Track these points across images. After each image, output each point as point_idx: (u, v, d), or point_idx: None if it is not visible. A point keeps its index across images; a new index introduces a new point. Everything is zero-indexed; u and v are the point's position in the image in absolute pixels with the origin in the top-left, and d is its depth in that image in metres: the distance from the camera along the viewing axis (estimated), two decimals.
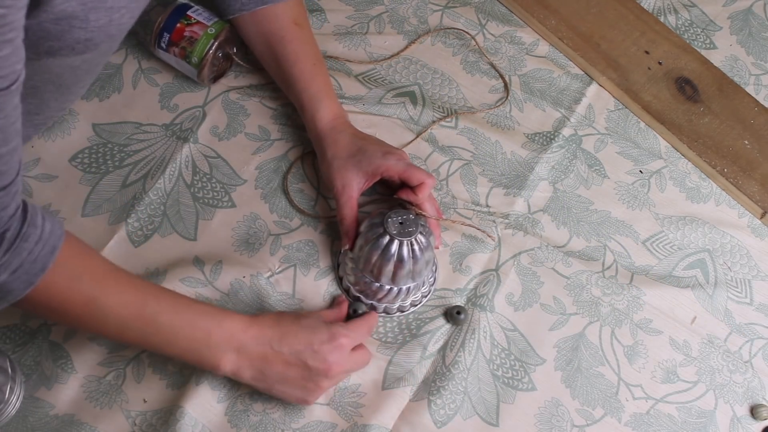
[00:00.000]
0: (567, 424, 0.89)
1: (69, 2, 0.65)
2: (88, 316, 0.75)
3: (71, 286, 0.73)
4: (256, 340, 0.79)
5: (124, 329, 0.76)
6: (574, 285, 0.96)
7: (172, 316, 0.77)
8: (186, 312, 0.78)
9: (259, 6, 0.95)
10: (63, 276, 0.72)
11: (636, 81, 1.10)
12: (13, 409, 0.83)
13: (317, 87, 0.95)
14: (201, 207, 0.96)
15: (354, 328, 0.83)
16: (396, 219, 0.86)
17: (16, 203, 0.68)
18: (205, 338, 0.77)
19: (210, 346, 0.77)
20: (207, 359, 0.78)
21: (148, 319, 0.76)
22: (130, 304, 0.76)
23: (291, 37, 0.95)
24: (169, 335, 0.77)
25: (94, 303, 0.74)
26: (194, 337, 0.77)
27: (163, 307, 0.77)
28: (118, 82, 1.03)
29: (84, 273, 0.74)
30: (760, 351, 0.95)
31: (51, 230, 0.71)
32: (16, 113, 0.64)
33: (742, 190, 1.04)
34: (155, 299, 0.77)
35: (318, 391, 0.81)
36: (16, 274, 0.69)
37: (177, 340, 0.77)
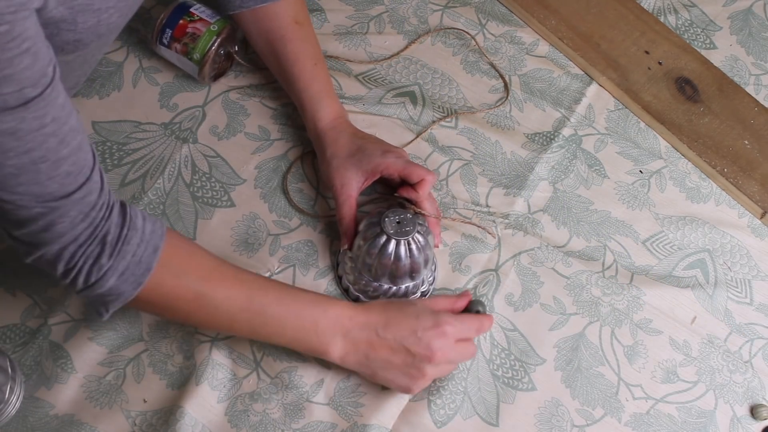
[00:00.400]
0: (567, 424, 0.89)
1: (57, 9, 0.65)
2: (198, 312, 0.78)
3: (179, 284, 0.76)
4: (361, 326, 0.81)
5: (234, 322, 0.79)
6: (574, 285, 0.96)
7: (278, 308, 0.79)
8: (292, 303, 0.80)
9: (258, 4, 0.95)
10: (170, 274, 0.75)
11: (636, 81, 1.10)
12: (13, 409, 0.83)
13: (318, 87, 0.95)
14: (200, 206, 0.96)
15: (461, 320, 0.83)
16: (393, 218, 0.86)
17: (104, 201, 0.70)
18: (313, 326, 0.80)
19: (318, 334, 0.80)
20: (316, 346, 0.80)
21: (255, 311, 0.78)
22: (237, 297, 0.78)
23: (291, 35, 0.95)
24: (278, 326, 0.79)
25: (202, 299, 0.77)
26: (302, 326, 0.79)
27: (270, 299, 0.79)
28: (119, 80, 1.03)
29: (190, 269, 0.77)
30: (760, 351, 0.95)
31: (152, 230, 0.73)
32: (65, 112, 0.65)
33: (742, 190, 1.04)
34: (262, 291, 0.79)
35: (422, 379, 0.82)
36: (123, 276, 0.72)
37: (285, 330, 0.80)
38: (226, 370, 0.87)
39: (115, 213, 0.71)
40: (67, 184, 0.66)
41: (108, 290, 0.72)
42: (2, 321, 0.88)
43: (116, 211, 0.71)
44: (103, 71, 1.03)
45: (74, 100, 1.00)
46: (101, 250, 0.70)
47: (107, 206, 0.70)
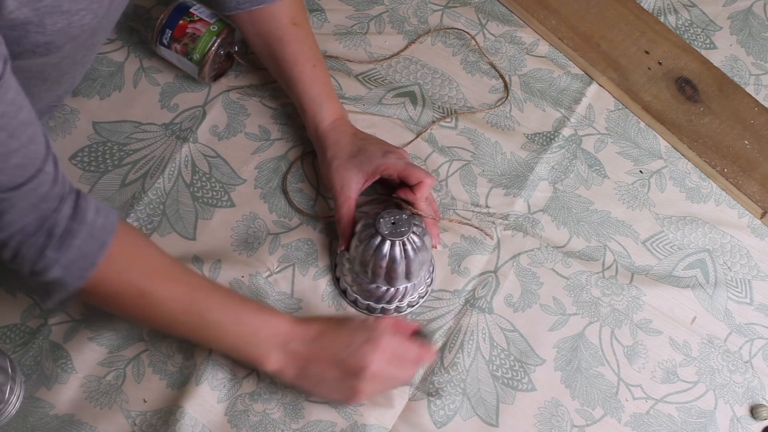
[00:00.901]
0: (567, 424, 0.89)
1: (20, 10, 0.64)
2: (140, 309, 0.77)
3: (123, 280, 0.75)
4: (300, 338, 0.80)
5: (174, 323, 0.79)
6: (574, 285, 0.96)
7: (220, 313, 0.79)
8: (235, 309, 0.79)
9: (254, 6, 0.94)
10: (114, 270, 0.74)
11: (636, 81, 1.10)
12: (13, 409, 0.83)
13: (317, 89, 0.95)
14: (200, 206, 0.96)
15: (401, 339, 0.82)
16: (388, 219, 0.85)
17: (57, 192, 0.70)
18: (253, 335, 0.79)
19: (257, 344, 0.79)
20: (254, 356, 0.80)
21: (197, 314, 0.78)
22: (180, 299, 0.78)
23: (289, 38, 0.95)
24: (217, 331, 0.79)
25: (145, 297, 0.76)
26: (242, 334, 0.79)
27: (213, 303, 0.79)
28: (119, 80, 1.03)
29: (135, 266, 0.76)
30: (760, 351, 0.95)
31: (103, 225, 0.72)
32: (15, 107, 0.65)
33: (742, 190, 1.04)
34: (205, 295, 0.79)
35: (356, 394, 0.80)
36: (67, 269, 0.71)
37: (225, 336, 0.79)
38: (226, 370, 0.87)
39: (67, 205, 0.71)
40: (16, 176, 0.66)
41: (51, 281, 0.72)
42: (2, 321, 0.88)
43: (68, 203, 0.71)
44: (103, 71, 1.03)
45: (74, 101, 1.01)
46: (47, 242, 0.70)
47: (59, 198, 0.70)
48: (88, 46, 0.85)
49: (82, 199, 0.72)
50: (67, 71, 0.85)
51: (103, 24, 0.81)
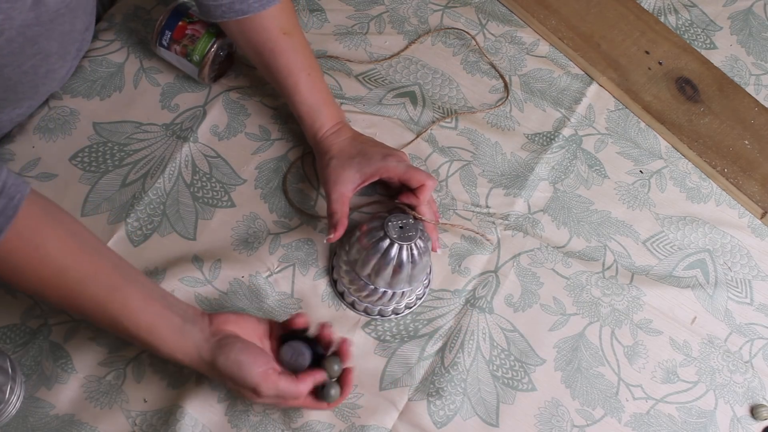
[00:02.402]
0: (567, 424, 0.89)
1: None
2: (54, 287, 0.75)
3: (38, 255, 0.73)
4: (206, 354, 0.78)
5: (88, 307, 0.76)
6: (574, 285, 0.96)
7: (140, 302, 0.76)
8: (155, 302, 0.77)
9: (241, 15, 0.91)
10: (28, 244, 0.72)
11: (636, 81, 1.10)
12: (13, 409, 0.83)
13: (314, 97, 0.94)
14: (200, 206, 0.96)
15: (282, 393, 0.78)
16: (396, 223, 0.86)
17: None
18: (170, 332, 0.77)
19: (170, 342, 0.77)
20: (163, 351, 0.77)
21: (118, 301, 0.75)
22: (101, 281, 0.75)
23: (281, 48, 0.93)
24: (134, 320, 0.76)
25: (63, 275, 0.74)
26: (159, 329, 0.77)
27: (133, 292, 0.76)
28: (120, 81, 1.03)
29: (50, 242, 0.73)
30: (760, 351, 0.95)
31: (2, 209, 0.70)
32: None
33: (743, 190, 1.04)
34: (126, 282, 0.76)
35: (256, 400, 0.79)
36: None
37: (140, 326, 0.76)
38: None
39: None
40: None
41: None
42: (2, 321, 0.88)
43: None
44: (103, 72, 1.03)
45: (74, 101, 1.01)
46: None
47: None
48: (30, 55, 0.84)
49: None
50: (16, 80, 0.85)
51: (39, 32, 0.81)
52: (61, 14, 0.84)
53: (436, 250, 0.93)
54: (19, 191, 0.71)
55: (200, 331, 0.77)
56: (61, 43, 0.89)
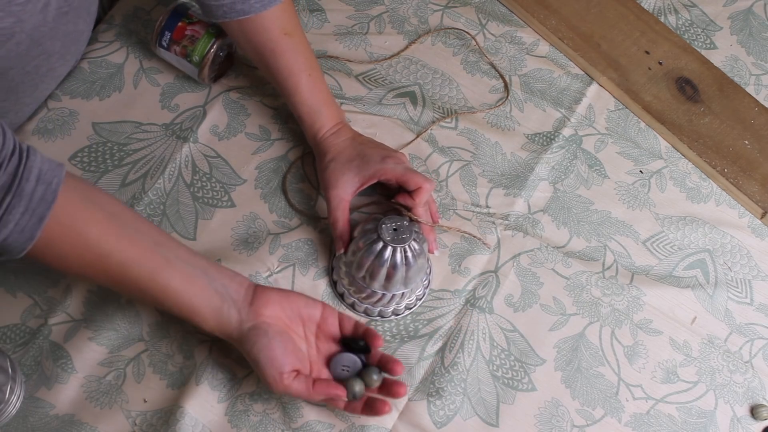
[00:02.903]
0: (567, 424, 0.89)
1: None
2: (98, 270, 0.76)
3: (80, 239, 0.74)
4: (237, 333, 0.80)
5: (133, 287, 0.78)
6: (574, 285, 0.96)
7: (182, 283, 0.78)
8: (197, 281, 0.79)
9: (242, 15, 0.91)
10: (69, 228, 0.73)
11: (636, 81, 1.10)
12: (13, 409, 0.83)
13: (314, 98, 0.94)
14: (200, 206, 0.96)
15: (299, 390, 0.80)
16: (390, 225, 0.85)
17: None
18: (211, 310, 0.79)
19: (211, 318, 0.80)
20: (206, 326, 0.80)
21: (160, 283, 0.77)
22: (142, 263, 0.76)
23: (282, 49, 0.93)
24: (176, 299, 0.78)
25: (105, 258, 0.75)
26: (200, 307, 0.79)
27: (174, 273, 0.78)
28: (119, 81, 1.03)
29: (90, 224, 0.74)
30: (761, 351, 0.95)
31: (42, 196, 0.70)
32: None
33: (743, 190, 1.04)
34: (167, 261, 0.77)
35: None
36: (7, 241, 0.70)
37: (182, 304, 0.79)
38: (226, 369, 0.87)
39: (6, 174, 0.68)
40: None
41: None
42: (2, 321, 0.88)
43: (7, 171, 0.68)
44: (102, 73, 1.03)
45: (73, 102, 1.01)
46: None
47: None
48: (35, 56, 0.84)
49: (23, 165, 0.69)
50: (19, 81, 0.85)
51: (45, 32, 0.81)
52: (64, 13, 0.84)
53: (433, 251, 0.93)
54: (56, 175, 0.71)
55: (237, 313, 0.79)
56: (63, 43, 0.89)
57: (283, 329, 0.80)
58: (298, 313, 0.82)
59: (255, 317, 0.79)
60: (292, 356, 0.79)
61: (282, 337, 0.80)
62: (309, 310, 0.83)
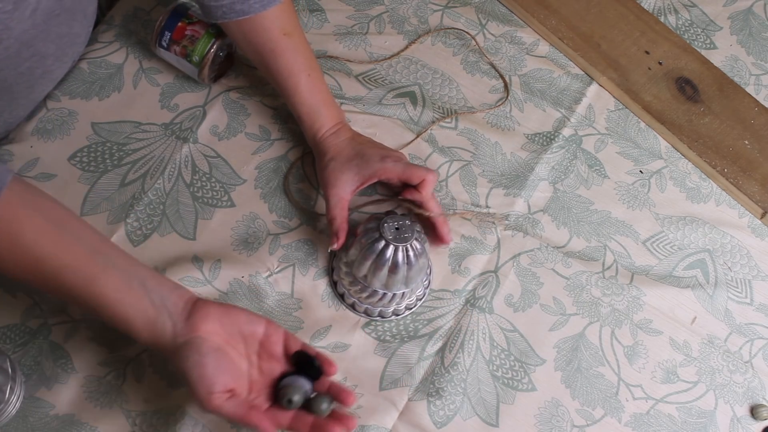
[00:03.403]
0: (567, 424, 0.89)
1: None
2: (33, 276, 0.74)
3: (17, 245, 0.73)
4: (169, 350, 0.76)
5: (67, 294, 0.75)
6: (574, 285, 0.96)
7: (117, 293, 0.75)
8: (134, 295, 0.75)
9: (241, 16, 0.91)
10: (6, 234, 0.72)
11: (636, 81, 1.10)
12: (13, 409, 0.83)
13: (314, 98, 0.94)
14: (200, 206, 0.96)
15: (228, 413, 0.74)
16: (392, 224, 0.85)
17: None
18: (145, 323, 0.75)
19: (142, 331, 0.76)
20: (139, 337, 0.76)
21: (94, 293, 0.75)
22: (78, 270, 0.74)
23: (281, 49, 0.93)
24: (111, 310, 0.75)
25: (41, 264, 0.73)
26: (134, 320, 0.75)
27: (111, 280, 0.75)
28: (119, 81, 1.03)
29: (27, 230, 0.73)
30: (760, 351, 0.95)
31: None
32: None
33: (743, 190, 1.04)
34: (104, 270, 0.75)
35: None
36: None
37: (115, 315, 0.75)
38: None
39: None
40: None
41: None
42: (2, 321, 0.88)
43: None
44: (102, 74, 1.03)
45: (72, 103, 1.00)
46: None
47: None
48: (27, 57, 0.84)
49: None
50: (12, 81, 0.85)
51: (35, 34, 0.81)
52: (56, 15, 0.83)
53: (448, 242, 0.93)
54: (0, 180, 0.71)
55: (172, 326, 0.75)
56: (58, 46, 0.89)
57: (219, 346, 0.75)
58: (239, 330, 0.77)
59: (190, 332, 0.74)
60: (226, 375, 0.74)
61: (216, 354, 0.74)
62: (251, 326, 0.77)
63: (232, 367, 0.75)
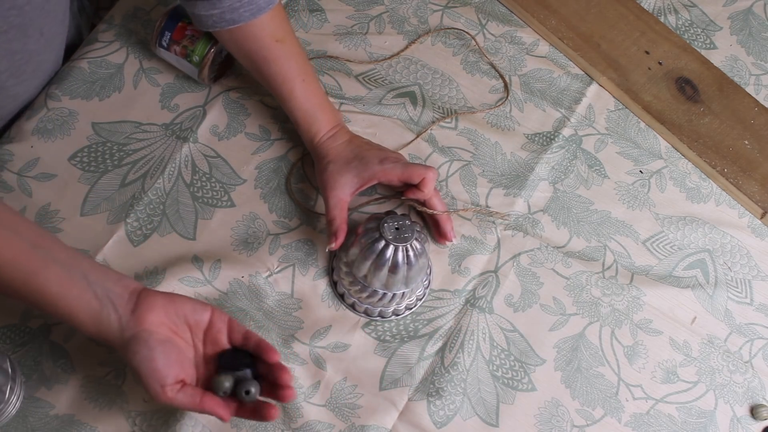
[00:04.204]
0: (567, 424, 0.89)
1: None
2: None
3: None
4: (117, 343, 0.76)
5: (7, 289, 0.75)
6: (574, 285, 0.96)
7: (59, 287, 0.74)
8: (75, 289, 0.75)
9: (231, 24, 0.91)
10: None
11: (636, 81, 1.10)
12: (13, 409, 0.83)
13: (309, 103, 0.94)
14: (200, 206, 0.96)
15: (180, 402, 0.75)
16: (392, 224, 0.85)
17: None
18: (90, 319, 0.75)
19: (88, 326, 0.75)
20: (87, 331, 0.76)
21: (35, 287, 0.74)
22: (17, 266, 0.73)
23: (274, 56, 0.93)
24: (53, 304, 0.75)
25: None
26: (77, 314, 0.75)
27: (51, 276, 0.74)
28: (119, 81, 1.03)
29: None
30: (760, 351, 0.95)
31: None
32: None
33: (743, 190, 1.04)
34: (44, 266, 0.74)
35: None
36: None
37: (58, 308, 0.75)
38: None
39: None
40: None
41: None
42: (2, 321, 0.88)
43: None
44: (102, 74, 1.03)
45: (73, 103, 1.01)
46: None
47: None
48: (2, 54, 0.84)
49: None
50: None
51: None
52: (3, 32, 0.83)
53: (451, 239, 0.93)
54: None
55: (118, 320, 0.74)
56: (11, 62, 0.88)
57: (167, 337, 0.75)
58: (185, 319, 0.77)
59: (137, 325, 0.74)
60: (176, 367, 0.74)
61: (165, 346, 0.74)
62: (196, 315, 0.77)
63: (181, 358, 0.75)
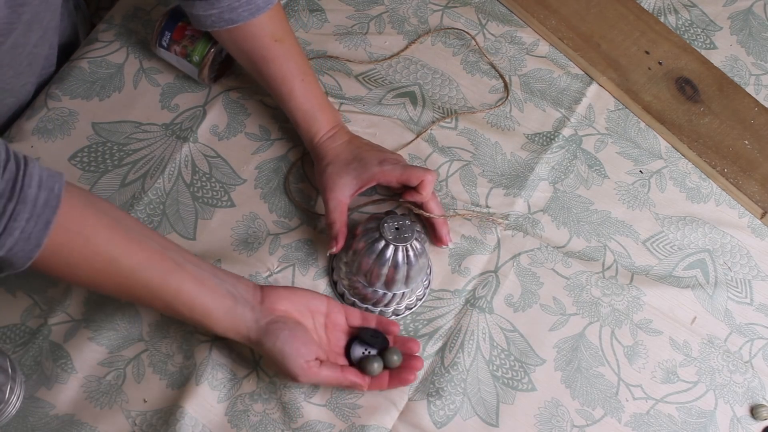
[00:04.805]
0: (567, 424, 0.89)
1: None
2: (108, 277, 0.75)
3: (89, 248, 0.73)
4: (254, 332, 0.81)
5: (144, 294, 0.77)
6: (574, 285, 0.96)
7: (194, 286, 0.78)
8: (209, 284, 0.79)
9: (230, 24, 0.91)
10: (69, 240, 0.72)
11: (636, 81, 1.10)
12: (13, 409, 0.83)
13: (309, 103, 0.94)
14: (200, 206, 0.96)
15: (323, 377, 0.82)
16: (392, 224, 0.85)
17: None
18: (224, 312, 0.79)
19: (224, 320, 0.80)
20: (217, 328, 0.80)
21: (171, 287, 0.77)
22: (151, 267, 0.76)
23: (273, 56, 0.93)
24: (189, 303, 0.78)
25: (114, 264, 0.74)
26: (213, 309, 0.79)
27: (186, 275, 0.77)
28: (119, 81, 1.03)
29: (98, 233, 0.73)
30: (760, 351, 0.95)
31: (46, 201, 0.69)
32: None
33: (743, 190, 1.04)
34: (177, 267, 0.77)
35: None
36: (12, 251, 0.69)
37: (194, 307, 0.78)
38: (226, 370, 0.87)
39: (4, 182, 0.67)
40: None
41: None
42: (2, 321, 0.88)
43: (5, 178, 0.67)
44: (102, 74, 1.03)
45: (73, 103, 1.01)
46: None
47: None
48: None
49: (21, 173, 0.68)
50: None
51: None
52: (14, 28, 0.82)
53: (447, 243, 0.94)
54: (57, 181, 0.70)
55: (251, 312, 0.80)
56: (13, 56, 0.88)
57: (299, 321, 0.82)
58: (307, 307, 0.84)
59: (270, 313, 0.80)
60: (313, 345, 0.81)
61: (300, 327, 0.81)
62: (315, 303, 0.84)
63: (314, 339, 0.82)
